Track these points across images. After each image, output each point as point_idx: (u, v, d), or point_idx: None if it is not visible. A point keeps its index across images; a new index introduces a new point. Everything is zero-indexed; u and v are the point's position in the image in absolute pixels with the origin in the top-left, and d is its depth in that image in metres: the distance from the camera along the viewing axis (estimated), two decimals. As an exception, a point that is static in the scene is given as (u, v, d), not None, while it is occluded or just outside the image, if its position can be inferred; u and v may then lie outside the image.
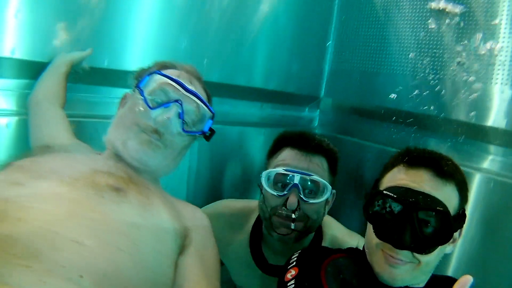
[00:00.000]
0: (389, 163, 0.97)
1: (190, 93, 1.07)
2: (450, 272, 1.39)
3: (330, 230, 1.38)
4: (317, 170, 1.23)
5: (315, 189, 1.24)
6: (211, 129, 1.14)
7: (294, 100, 2.01)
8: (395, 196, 0.86)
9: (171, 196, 1.12)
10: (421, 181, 0.87)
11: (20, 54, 1.22)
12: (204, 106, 1.10)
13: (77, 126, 1.30)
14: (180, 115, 1.04)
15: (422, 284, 0.92)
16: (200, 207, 1.51)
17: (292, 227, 1.21)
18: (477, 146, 1.39)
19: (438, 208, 0.83)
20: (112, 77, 1.43)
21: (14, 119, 1.25)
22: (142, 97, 1.05)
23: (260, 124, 1.92)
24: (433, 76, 1.50)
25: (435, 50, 1.49)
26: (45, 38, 1.26)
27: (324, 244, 1.34)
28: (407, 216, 0.83)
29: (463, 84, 1.40)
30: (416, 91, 1.56)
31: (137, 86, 1.08)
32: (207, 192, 1.71)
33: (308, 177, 1.21)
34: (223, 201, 1.54)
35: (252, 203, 1.39)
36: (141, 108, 1.04)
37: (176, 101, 1.05)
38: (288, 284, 0.96)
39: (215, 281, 1.02)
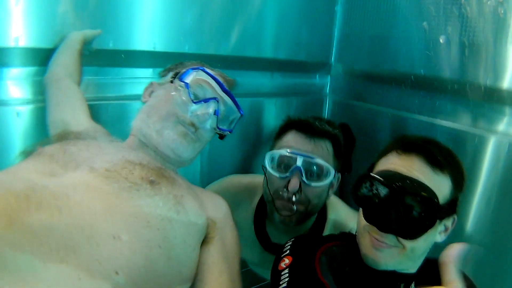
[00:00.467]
0: (385, 148, 0.96)
1: (226, 94, 1.13)
2: (466, 235, 1.39)
3: (334, 212, 1.38)
4: (321, 154, 1.22)
5: (318, 173, 1.23)
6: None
7: (305, 67, 1.98)
8: (381, 179, 0.85)
9: (192, 184, 1.14)
10: (411, 166, 0.86)
11: (24, 43, 1.21)
12: (235, 107, 1.16)
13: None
14: (216, 112, 1.09)
15: (413, 270, 0.91)
16: (214, 181, 1.55)
17: (294, 209, 1.21)
18: (493, 108, 1.36)
19: (423, 193, 0.83)
20: (119, 58, 1.43)
21: (24, 108, 1.26)
22: (187, 90, 1.08)
23: (271, 94, 1.90)
24: (446, 37, 1.45)
25: (448, 11, 1.43)
26: (48, 24, 1.24)
27: (326, 226, 1.35)
28: (393, 200, 0.83)
29: (478, 45, 1.35)
30: (429, 54, 1.51)
31: (180, 79, 1.11)
32: (220, 165, 1.72)
33: (311, 160, 1.20)
34: (229, 177, 1.55)
35: (258, 178, 1.39)
36: (184, 99, 1.08)
37: (214, 98, 1.10)
38: (282, 273, 0.97)
39: (235, 269, 1.04)
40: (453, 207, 0.90)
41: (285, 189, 1.22)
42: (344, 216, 1.38)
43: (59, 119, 1.17)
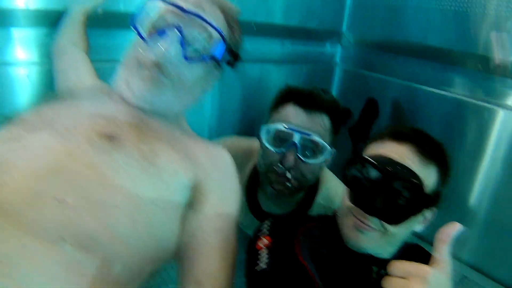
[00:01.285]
0: (376, 135, 0.97)
1: (190, 14, 0.91)
2: (472, 206, 1.42)
3: (324, 183, 1.36)
4: (318, 130, 1.19)
5: (314, 149, 1.20)
6: (233, 54, 1.01)
7: (315, 35, 1.96)
8: (374, 162, 0.86)
9: (190, 137, 1.01)
10: (402, 154, 0.87)
11: (34, 4, 1.20)
12: (210, 27, 0.93)
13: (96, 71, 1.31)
14: (181, 42, 0.90)
15: (388, 256, 0.93)
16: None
17: (289, 185, 1.21)
18: (502, 82, 1.35)
19: (413, 180, 0.84)
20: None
21: (33, 69, 1.26)
22: (135, 29, 0.92)
23: (281, 61, 1.89)
24: (460, 9, 1.42)
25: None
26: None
27: (316, 198, 1.33)
28: (383, 184, 0.84)
29: (490, 18, 1.34)
30: (442, 25, 1.49)
31: (132, 19, 0.93)
32: (228, 130, 1.73)
33: (308, 137, 1.17)
34: (228, 138, 1.50)
35: (256, 144, 1.34)
36: (139, 42, 0.92)
37: (174, 27, 0.90)
38: (260, 253, 0.95)
39: (231, 247, 0.93)
40: (436, 199, 0.92)
41: (279, 164, 1.20)
42: (335, 186, 1.36)
43: (65, 85, 1.16)
